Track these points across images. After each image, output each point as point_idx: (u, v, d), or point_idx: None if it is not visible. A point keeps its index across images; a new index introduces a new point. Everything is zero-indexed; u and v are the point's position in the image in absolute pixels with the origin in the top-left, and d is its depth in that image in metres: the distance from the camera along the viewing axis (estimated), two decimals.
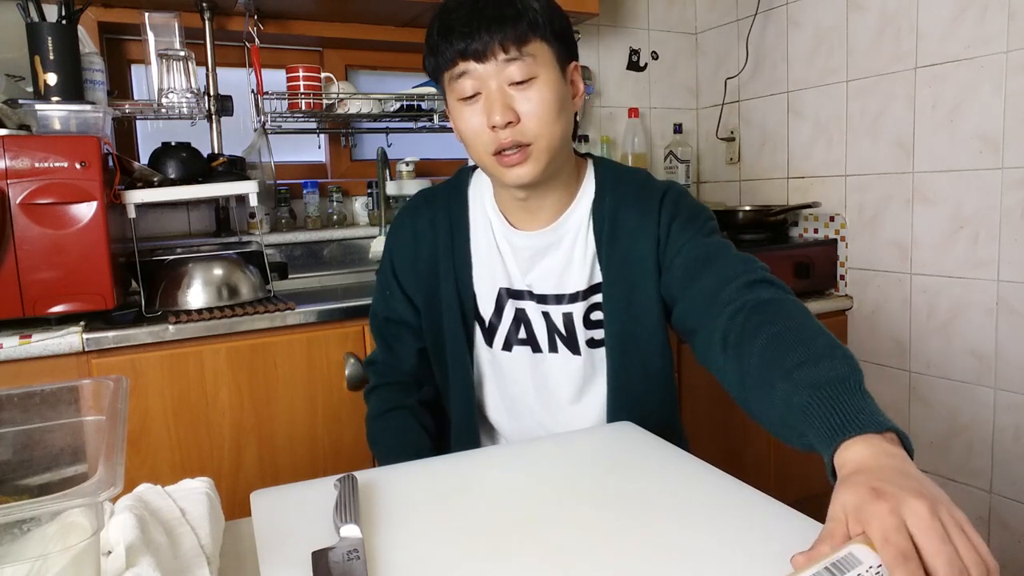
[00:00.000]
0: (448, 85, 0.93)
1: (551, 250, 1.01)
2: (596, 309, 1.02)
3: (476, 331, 1.06)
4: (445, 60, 0.90)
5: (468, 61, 0.89)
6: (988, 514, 1.81)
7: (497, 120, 0.88)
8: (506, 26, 0.87)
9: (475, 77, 0.89)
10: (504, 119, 0.88)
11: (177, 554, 0.58)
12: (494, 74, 0.89)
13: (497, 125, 0.89)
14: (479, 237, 1.04)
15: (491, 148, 0.91)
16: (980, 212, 1.75)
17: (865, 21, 1.97)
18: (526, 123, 0.89)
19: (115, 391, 0.60)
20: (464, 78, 0.90)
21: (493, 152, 0.91)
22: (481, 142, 0.92)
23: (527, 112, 0.89)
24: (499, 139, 0.90)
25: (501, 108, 0.88)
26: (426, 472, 0.77)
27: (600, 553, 0.59)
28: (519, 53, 0.88)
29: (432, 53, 0.93)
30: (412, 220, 1.08)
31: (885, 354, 2.01)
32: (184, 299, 1.47)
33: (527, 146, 0.90)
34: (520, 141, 0.90)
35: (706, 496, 0.69)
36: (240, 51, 2.00)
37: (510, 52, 0.87)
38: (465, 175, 1.09)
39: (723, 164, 2.50)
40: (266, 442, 1.46)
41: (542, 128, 0.90)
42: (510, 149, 0.90)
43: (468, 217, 1.05)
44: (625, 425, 0.90)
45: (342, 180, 2.20)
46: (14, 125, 1.38)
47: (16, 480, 0.57)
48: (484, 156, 0.93)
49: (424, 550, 0.60)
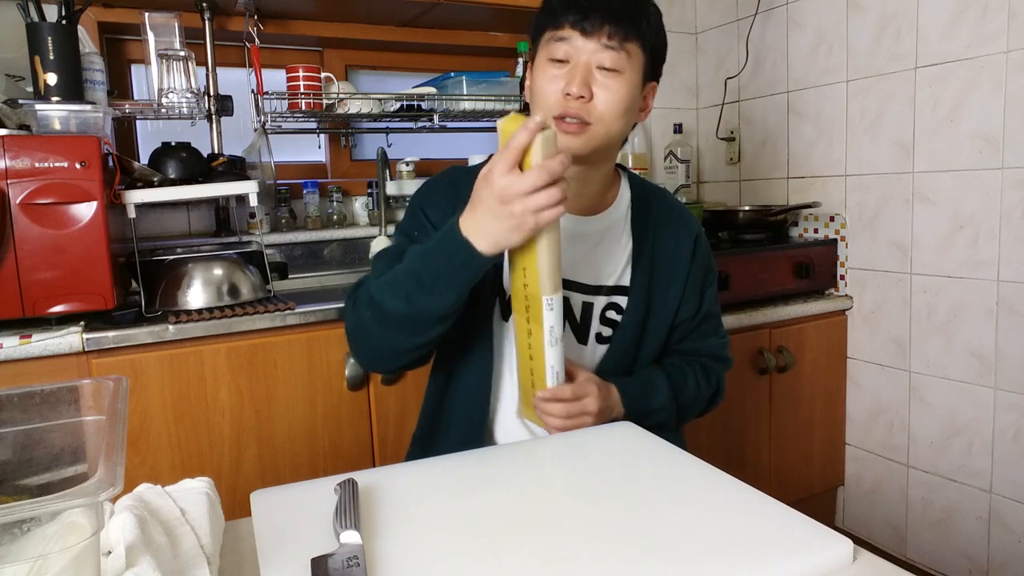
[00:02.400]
0: (544, 43, 0.98)
1: (584, 239, 1.06)
2: (611, 308, 1.07)
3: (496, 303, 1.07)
4: (555, 21, 0.96)
5: (574, 31, 0.94)
6: (988, 514, 1.81)
7: (574, 90, 0.94)
8: (622, 17, 0.94)
9: (573, 46, 0.95)
10: (579, 91, 0.94)
11: (177, 554, 0.58)
12: (590, 52, 0.95)
13: (572, 94, 0.94)
14: None
15: (556, 111, 0.96)
16: (980, 212, 1.75)
17: (865, 21, 1.97)
18: (596, 104, 0.95)
19: (115, 391, 0.60)
20: (563, 43, 0.95)
21: (556, 115, 0.96)
22: (549, 103, 0.96)
23: (601, 97, 0.95)
24: (567, 106, 0.95)
25: (581, 82, 0.94)
26: (426, 473, 0.76)
27: (600, 553, 0.59)
28: (619, 45, 0.94)
29: (546, 11, 0.98)
30: (452, 180, 1.09)
31: (885, 354, 2.01)
32: (184, 299, 1.47)
33: (588, 124, 0.96)
34: (584, 117, 0.95)
35: (706, 496, 0.69)
36: (240, 51, 2.00)
37: (612, 40, 0.94)
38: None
39: (723, 164, 2.50)
40: (266, 442, 1.46)
41: (607, 115, 0.96)
42: (572, 119, 0.95)
43: None
44: (625, 425, 0.90)
45: (342, 180, 2.20)
46: (14, 125, 1.38)
47: (16, 480, 0.57)
48: (546, 115, 0.96)
49: (424, 552, 0.60)
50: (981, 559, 1.83)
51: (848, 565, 0.59)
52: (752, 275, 1.94)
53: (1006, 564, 1.78)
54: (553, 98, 0.96)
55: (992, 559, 1.81)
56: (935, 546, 1.93)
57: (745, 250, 1.97)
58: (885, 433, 2.04)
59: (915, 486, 1.97)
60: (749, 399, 1.94)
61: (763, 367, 1.93)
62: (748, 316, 1.90)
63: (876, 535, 2.09)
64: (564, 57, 0.95)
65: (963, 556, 1.87)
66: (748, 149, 2.40)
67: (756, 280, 1.95)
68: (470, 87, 2.03)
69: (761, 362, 1.93)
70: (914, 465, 1.97)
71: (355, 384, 1.51)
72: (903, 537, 2.01)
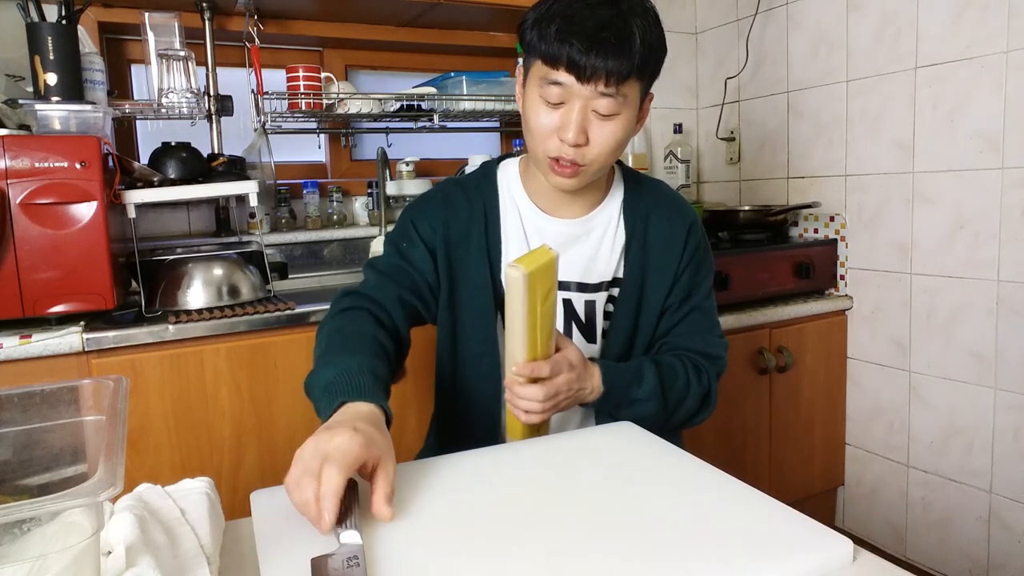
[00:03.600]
0: (536, 74, 0.95)
1: (580, 240, 1.06)
2: (611, 302, 1.08)
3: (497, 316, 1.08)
4: (550, 58, 0.91)
5: (570, 75, 0.90)
6: (988, 514, 1.81)
7: (570, 139, 0.92)
8: (619, 61, 0.89)
9: (567, 90, 0.92)
10: (575, 140, 0.92)
11: (177, 554, 0.58)
12: (585, 97, 0.92)
13: (567, 142, 0.92)
14: (508, 223, 1.07)
15: (551, 152, 0.95)
16: (980, 212, 1.75)
17: (865, 21, 1.97)
18: (591, 150, 0.94)
19: (115, 391, 0.60)
20: (557, 86, 0.92)
21: (550, 155, 0.95)
22: (544, 141, 0.95)
23: (596, 141, 0.94)
24: (561, 151, 0.94)
25: (577, 130, 0.92)
26: (426, 473, 0.76)
27: (600, 553, 0.59)
28: (615, 91, 0.91)
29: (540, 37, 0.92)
30: (444, 194, 1.09)
31: (885, 354, 2.01)
32: (184, 299, 1.47)
33: (581, 166, 0.95)
34: (578, 162, 0.94)
35: (706, 496, 0.69)
36: (240, 51, 2.00)
37: (609, 87, 0.90)
38: (492, 166, 1.13)
39: (723, 164, 2.50)
40: (266, 442, 1.46)
41: (602, 158, 0.96)
42: (567, 161, 0.94)
43: (499, 206, 1.08)
44: (625, 425, 0.90)
45: (342, 180, 2.20)
46: (14, 125, 1.38)
47: (16, 480, 0.57)
48: (539, 152, 0.97)
49: (423, 552, 0.60)
50: (981, 559, 1.83)
51: (848, 565, 0.59)
52: (752, 275, 1.94)
53: (1006, 564, 1.78)
54: (547, 140, 0.94)
55: (992, 559, 1.81)
56: (935, 546, 1.93)
57: (745, 250, 1.97)
58: (885, 433, 2.04)
59: (915, 486, 1.97)
60: (749, 399, 1.94)
61: (763, 367, 1.93)
62: (748, 316, 1.90)
63: (876, 535, 2.09)
64: (559, 101, 0.92)
65: (963, 556, 1.87)
66: (748, 149, 2.40)
67: (756, 280, 1.95)
68: (470, 87, 2.03)
69: (761, 362, 1.93)
70: (914, 465, 1.97)
71: None
72: (903, 537, 2.01)
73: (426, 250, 1.06)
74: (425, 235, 1.06)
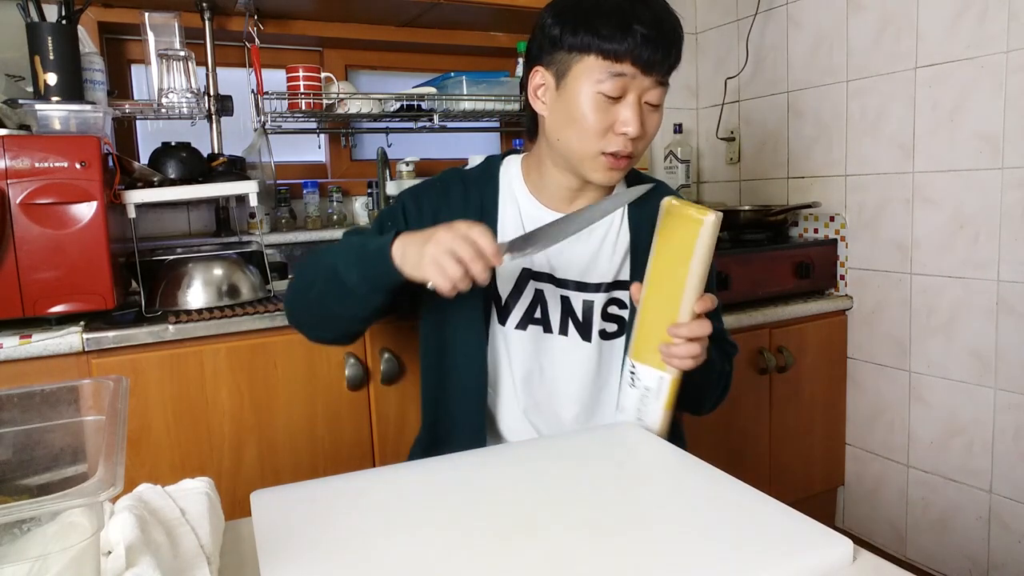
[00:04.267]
0: (590, 72, 0.91)
1: (580, 238, 1.04)
2: (614, 303, 1.06)
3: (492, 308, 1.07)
4: (611, 50, 0.89)
5: (636, 67, 0.89)
6: (988, 514, 1.81)
7: (635, 132, 0.92)
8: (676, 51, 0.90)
9: (629, 82, 0.90)
10: (639, 132, 0.92)
11: (177, 554, 0.58)
12: (644, 89, 0.91)
13: (631, 135, 0.92)
14: (507, 220, 1.07)
15: (608, 147, 0.94)
16: (980, 212, 1.75)
17: (865, 21, 1.97)
18: (642, 140, 0.95)
19: (115, 391, 0.60)
20: (619, 79, 0.90)
21: (608, 151, 0.94)
22: (600, 138, 0.93)
23: (648, 131, 0.95)
24: (621, 145, 0.93)
25: (640, 123, 0.92)
26: (426, 473, 0.76)
27: (600, 553, 0.59)
28: (667, 80, 0.92)
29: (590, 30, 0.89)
30: (443, 184, 1.09)
31: (885, 354, 2.01)
32: (184, 299, 1.47)
33: (633, 157, 0.96)
34: (633, 153, 0.95)
35: (706, 496, 0.69)
36: (240, 51, 2.00)
37: (665, 76, 0.91)
38: (496, 161, 1.12)
39: (723, 164, 2.50)
40: (266, 442, 1.46)
41: (645, 147, 0.97)
42: (624, 155, 0.94)
43: (498, 200, 1.08)
44: (625, 425, 0.90)
45: (342, 180, 2.20)
46: (14, 125, 1.38)
47: (16, 480, 0.57)
48: (591, 149, 0.95)
49: (424, 552, 0.60)
50: (981, 559, 1.83)
51: (848, 565, 0.59)
52: (752, 275, 1.94)
53: (1006, 564, 1.78)
54: (603, 136, 0.93)
55: (992, 559, 1.81)
56: (935, 546, 1.94)
57: (745, 250, 1.97)
58: (885, 433, 2.04)
59: (915, 486, 1.97)
60: (749, 399, 1.94)
61: (763, 367, 1.93)
62: (748, 316, 1.90)
63: (876, 535, 2.09)
64: (618, 94, 0.91)
65: (963, 556, 1.87)
66: (748, 149, 2.40)
67: (756, 280, 1.95)
68: (470, 87, 2.03)
69: (761, 362, 1.93)
70: (914, 465, 1.97)
71: (355, 384, 1.51)
72: (903, 537, 2.01)
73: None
74: (412, 220, 1.06)
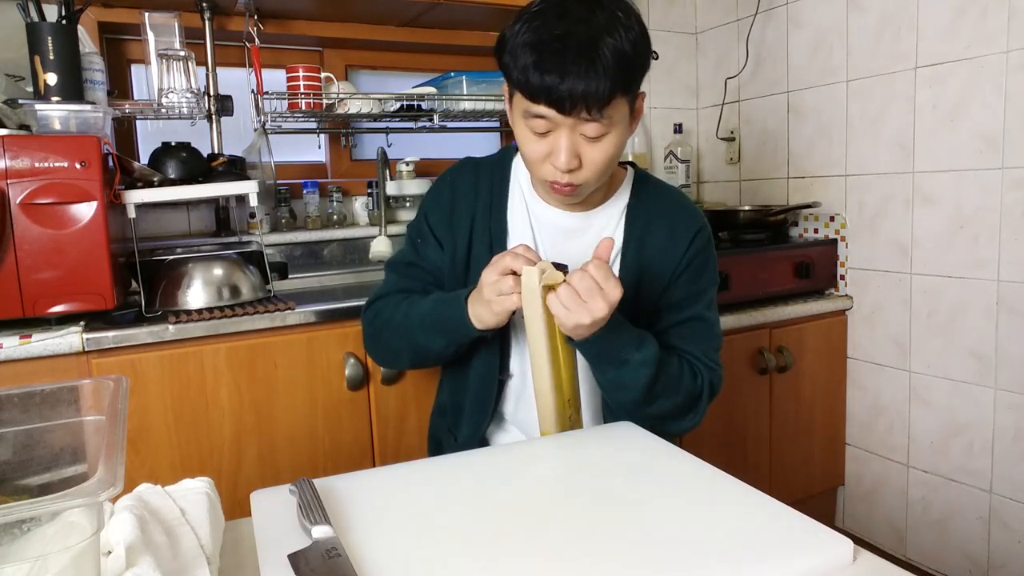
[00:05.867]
0: (520, 106, 0.93)
1: (577, 235, 1.07)
2: None
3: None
4: (527, 92, 0.89)
5: (551, 109, 0.89)
6: (988, 514, 1.81)
7: (562, 166, 0.92)
8: (597, 86, 0.86)
9: (551, 121, 0.90)
10: (568, 167, 0.92)
11: (177, 554, 0.58)
12: (571, 125, 0.91)
13: (559, 168, 0.92)
14: (515, 210, 1.10)
15: (546, 176, 0.96)
16: (980, 212, 1.75)
17: (865, 21, 1.97)
18: (585, 171, 0.94)
19: (115, 391, 0.60)
20: (540, 119, 0.91)
21: (547, 180, 0.96)
22: (538, 167, 0.96)
23: (590, 161, 0.93)
24: (556, 176, 0.94)
25: (568, 156, 0.92)
26: (425, 473, 0.76)
27: (599, 553, 0.59)
28: (600, 115, 0.89)
29: (516, 70, 0.90)
30: (454, 180, 1.14)
31: (885, 354, 2.01)
32: (184, 299, 1.47)
33: (578, 185, 0.95)
34: (574, 183, 0.95)
35: (706, 496, 0.69)
36: (240, 51, 2.00)
37: (592, 114, 0.88)
38: (510, 153, 1.15)
39: (723, 164, 2.50)
40: (266, 442, 1.46)
41: (597, 176, 0.96)
42: (561, 185, 0.95)
43: (508, 189, 1.11)
44: (625, 425, 0.90)
45: (342, 180, 2.20)
46: (14, 125, 1.38)
47: (16, 480, 0.57)
48: (535, 174, 0.99)
49: (422, 552, 0.60)
50: (981, 559, 1.83)
51: (848, 565, 0.59)
52: (752, 275, 1.94)
53: (1006, 564, 1.78)
54: (540, 164, 0.95)
55: (992, 559, 1.81)
56: (935, 546, 1.93)
57: (745, 250, 1.97)
58: (885, 433, 2.04)
59: (915, 486, 1.97)
60: (749, 399, 1.94)
61: (763, 367, 1.93)
62: (748, 316, 1.90)
63: (876, 535, 2.09)
64: (545, 131, 0.91)
65: (963, 556, 1.87)
66: (748, 149, 2.40)
67: (756, 280, 1.95)
68: (470, 87, 2.03)
69: (761, 362, 1.93)
70: (914, 465, 1.97)
71: (355, 384, 1.51)
72: (903, 537, 2.01)
73: (437, 244, 1.11)
74: (436, 229, 1.12)
